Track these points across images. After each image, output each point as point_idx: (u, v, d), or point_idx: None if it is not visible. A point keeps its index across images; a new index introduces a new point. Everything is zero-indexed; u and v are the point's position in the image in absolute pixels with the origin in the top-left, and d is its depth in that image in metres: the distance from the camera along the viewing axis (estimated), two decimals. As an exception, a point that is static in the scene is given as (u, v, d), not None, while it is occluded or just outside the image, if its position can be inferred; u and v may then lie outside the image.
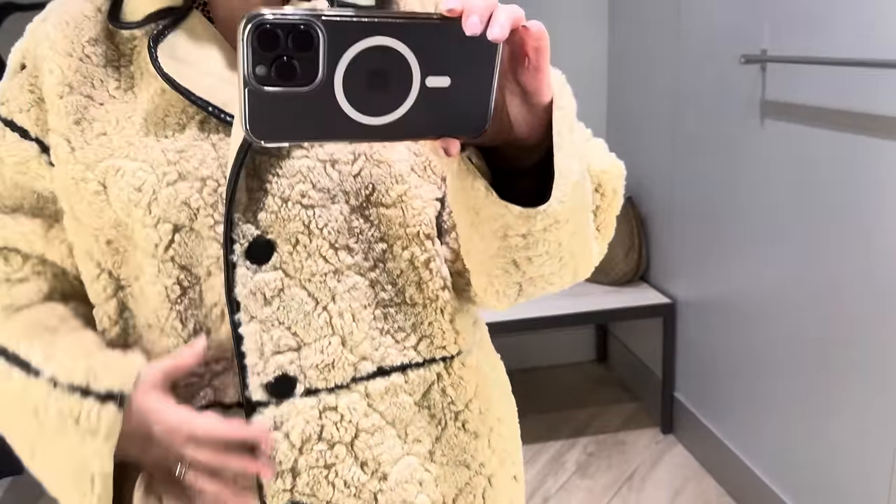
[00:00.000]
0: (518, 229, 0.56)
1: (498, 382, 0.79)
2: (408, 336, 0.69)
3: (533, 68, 0.50)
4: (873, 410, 1.54)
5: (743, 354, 1.99)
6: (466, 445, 0.73)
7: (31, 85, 0.69)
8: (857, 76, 1.48)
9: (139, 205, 0.63)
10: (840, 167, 1.56)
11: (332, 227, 0.65)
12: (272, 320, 0.64)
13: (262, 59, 0.44)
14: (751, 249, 1.92)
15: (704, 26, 2.05)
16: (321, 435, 0.66)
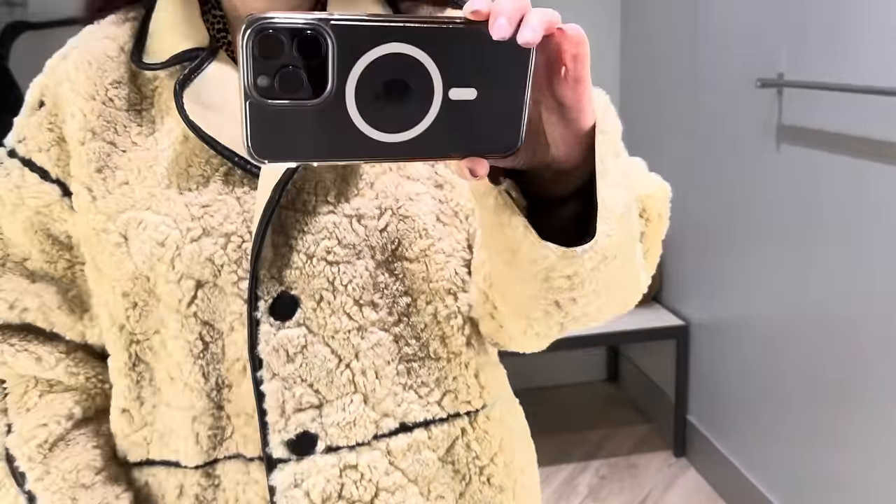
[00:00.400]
0: (563, 271, 0.50)
1: (520, 431, 0.77)
2: (431, 391, 0.67)
3: (572, 79, 0.44)
4: (883, 438, 1.52)
5: (756, 379, 1.98)
6: (491, 500, 0.71)
7: (50, 123, 0.67)
8: (874, 103, 1.47)
9: (162, 259, 0.62)
10: (855, 194, 1.55)
11: (357, 283, 0.63)
12: (294, 377, 0.63)
13: (265, 68, 0.39)
14: (765, 273, 1.90)
15: (721, 49, 2.04)
16: (341, 493, 0.65)
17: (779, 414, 1.89)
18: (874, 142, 1.49)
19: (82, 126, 0.65)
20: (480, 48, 0.41)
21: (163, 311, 0.64)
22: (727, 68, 2.01)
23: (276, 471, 0.64)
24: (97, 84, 0.65)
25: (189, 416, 0.65)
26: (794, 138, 1.75)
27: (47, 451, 0.68)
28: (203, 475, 0.67)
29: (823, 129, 1.64)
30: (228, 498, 0.67)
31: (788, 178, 1.78)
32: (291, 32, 0.38)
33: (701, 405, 2.29)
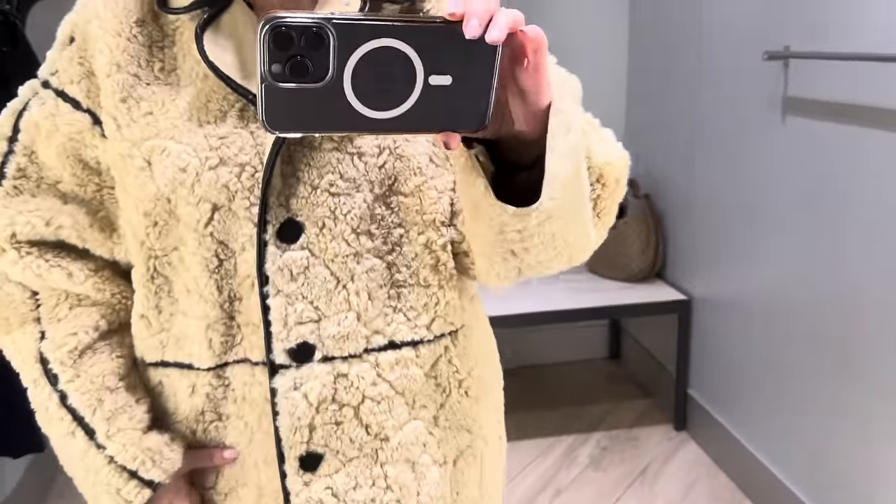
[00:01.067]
0: (514, 226, 0.61)
1: (492, 349, 0.86)
2: (419, 315, 0.75)
3: (532, 69, 0.53)
4: (887, 410, 1.54)
5: (758, 352, 2.00)
6: (468, 410, 0.79)
7: (80, 58, 0.72)
8: (878, 71, 1.49)
9: (184, 184, 0.69)
10: (860, 163, 1.57)
11: (355, 213, 0.70)
12: (297, 294, 0.70)
13: (278, 57, 0.48)
14: (769, 246, 1.93)
15: (727, 23, 2.06)
16: (334, 397, 0.73)
17: (780, 387, 1.91)
18: (877, 109, 1.52)
19: (109, 60, 0.70)
20: (455, 43, 0.49)
21: (182, 230, 0.71)
22: (733, 42, 2.03)
23: (278, 375, 0.72)
24: (122, 22, 0.70)
25: (203, 324, 0.73)
26: (800, 109, 1.77)
27: (77, 357, 0.76)
28: (214, 376, 0.75)
29: (828, 99, 1.66)
30: (237, 397, 0.75)
31: (794, 150, 1.80)
32: (300, 29, 0.48)
33: (702, 379, 2.32)
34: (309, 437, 0.73)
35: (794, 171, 1.80)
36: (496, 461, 0.86)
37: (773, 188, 1.89)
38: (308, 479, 0.74)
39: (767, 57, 1.78)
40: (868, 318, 1.58)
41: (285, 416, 0.72)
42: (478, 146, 0.60)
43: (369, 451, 0.75)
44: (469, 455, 0.80)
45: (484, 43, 0.49)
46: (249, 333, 0.73)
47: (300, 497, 0.74)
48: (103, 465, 0.75)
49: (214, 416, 0.76)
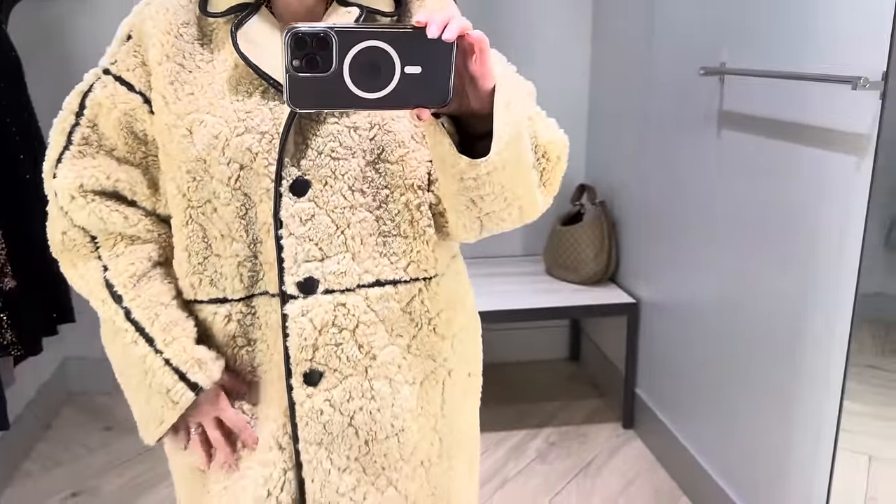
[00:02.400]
0: (469, 173, 0.81)
1: (466, 303, 1.05)
2: (399, 259, 0.94)
3: (478, 61, 0.75)
4: (816, 410, 1.64)
5: (697, 355, 2.10)
6: (434, 344, 0.98)
7: (135, 52, 0.94)
8: (803, 89, 1.59)
9: (216, 148, 0.89)
10: (786, 176, 1.67)
11: (351, 174, 0.90)
12: (305, 237, 0.90)
13: (297, 55, 0.70)
14: (707, 253, 2.02)
15: (671, 39, 2.16)
16: (334, 322, 0.92)
17: (716, 388, 2.01)
18: (802, 126, 1.61)
19: (161, 52, 0.92)
20: (422, 42, 0.70)
21: (215, 185, 0.90)
22: (676, 58, 2.13)
23: (289, 304, 0.91)
24: (172, 23, 0.92)
25: (236, 261, 0.93)
26: (733, 123, 1.87)
27: (136, 282, 0.96)
28: (245, 305, 0.95)
29: (759, 115, 1.76)
30: (261, 323, 0.95)
31: (728, 162, 1.90)
32: (312, 35, 0.69)
33: (649, 379, 2.42)
34: (312, 356, 0.91)
35: (728, 183, 1.90)
36: (461, 392, 1.04)
37: (710, 199, 1.99)
38: (311, 392, 0.92)
39: (703, 72, 1.88)
40: (795, 321, 1.68)
41: (294, 337, 0.90)
42: (443, 117, 0.80)
43: (361, 369, 0.93)
44: (432, 379, 0.99)
45: (442, 42, 0.70)
46: (268, 270, 0.92)
47: (304, 407, 0.92)
48: (160, 366, 0.92)
49: (245, 341, 0.96)
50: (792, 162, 1.63)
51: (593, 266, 2.56)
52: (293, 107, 0.72)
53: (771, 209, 1.71)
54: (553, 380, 2.88)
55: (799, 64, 1.58)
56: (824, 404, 1.56)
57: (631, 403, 2.50)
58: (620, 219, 2.59)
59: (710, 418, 2.03)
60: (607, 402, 2.70)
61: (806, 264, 1.59)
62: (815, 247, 1.56)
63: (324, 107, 0.78)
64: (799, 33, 1.58)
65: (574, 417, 2.60)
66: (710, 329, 2.02)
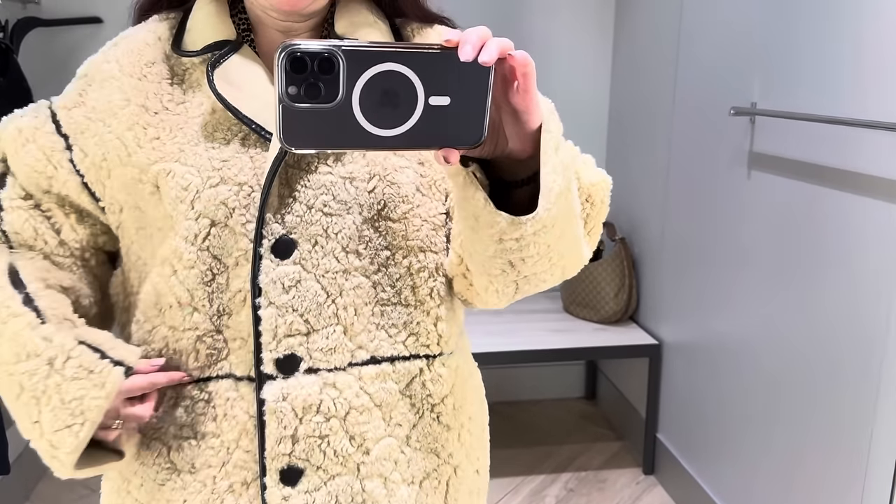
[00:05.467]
0: (511, 234, 0.65)
1: (473, 387, 0.90)
2: (399, 332, 0.80)
3: (522, 90, 0.59)
4: (844, 462, 1.56)
5: (723, 400, 2.02)
6: (438, 435, 0.83)
7: (81, 90, 0.81)
8: (838, 134, 1.54)
9: (184, 201, 0.75)
10: (818, 220, 1.61)
11: (346, 233, 0.76)
12: (287, 307, 0.76)
13: (294, 80, 0.53)
14: (734, 296, 1.95)
15: (699, 77, 2.11)
16: (319, 408, 0.77)
17: (744, 435, 1.93)
18: (834, 170, 1.55)
19: (122, 97, 0.79)
20: (453, 67, 0.55)
21: (178, 242, 0.76)
22: (704, 97, 2.08)
23: (266, 386, 0.76)
24: (135, 65, 0.80)
25: (194, 335, 0.77)
26: (764, 165, 1.81)
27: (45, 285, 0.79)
28: (197, 389, 0.78)
29: (792, 157, 1.70)
30: (217, 414, 0.78)
31: (758, 203, 1.84)
32: (313, 55, 0.53)
33: (671, 424, 2.34)
34: (291, 450, 0.77)
35: (758, 224, 1.84)
36: (467, 492, 0.88)
37: (739, 240, 1.92)
38: (287, 494, 0.77)
39: (734, 112, 1.82)
40: (827, 368, 1.61)
41: (272, 426, 0.76)
42: (473, 164, 0.65)
43: (352, 466, 0.78)
44: (434, 478, 0.84)
45: (478, 66, 0.54)
46: (237, 348, 0.77)
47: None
48: (74, 345, 0.75)
49: (191, 433, 0.79)
50: (828, 206, 1.57)
51: (613, 305, 2.49)
52: (288, 147, 0.55)
53: (803, 253, 1.65)
54: (569, 419, 2.80)
55: (838, 108, 1.53)
56: (872, 454, 1.48)
57: (652, 448, 2.41)
58: (641, 256, 2.52)
59: (736, 466, 1.95)
60: (626, 445, 2.61)
61: (841, 308, 1.53)
62: (851, 292, 1.49)
63: (327, 146, 0.57)
64: (838, 76, 1.53)
65: (593, 462, 2.51)
66: (737, 373, 1.94)
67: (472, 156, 0.63)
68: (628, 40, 2.60)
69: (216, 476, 0.78)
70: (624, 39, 2.63)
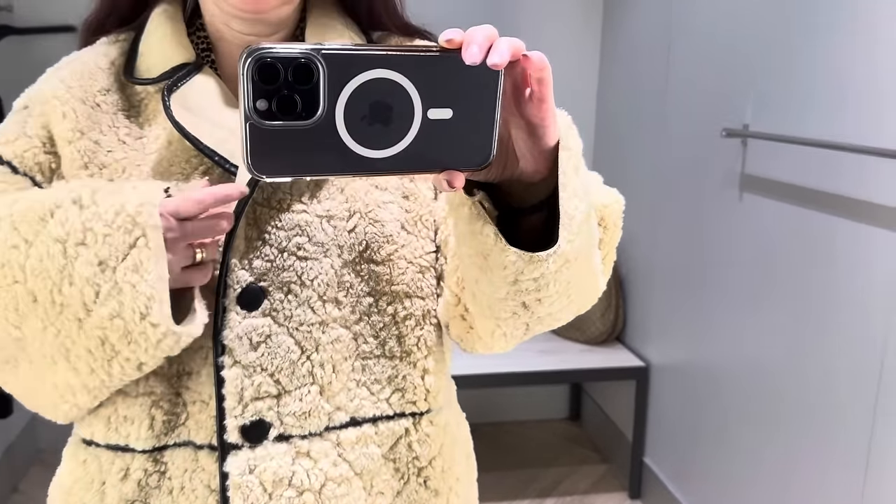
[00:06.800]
0: (530, 274, 0.56)
1: (462, 442, 0.81)
2: (382, 388, 0.71)
3: (537, 100, 0.50)
4: (835, 487, 1.53)
5: (711, 423, 1.99)
6: (426, 502, 0.74)
7: (25, 122, 0.70)
8: (830, 158, 1.51)
9: None
10: (809, 245, 1.58)
11: (322, 279, 0.67)
12: (255, 366, 0.66)
13: (263, 93, 0.43)
14: (722, 318, 1.93)
15: (689, 99, 2.09)
16: (291, 481, 0.68)
17: (731, 459, 1.90)
18: (826, 195, 1.53)
19: (73, 126, 0.69)
20: (455, 72, 0.45)
21: None
22: (695, 118, 2.06)
23: (230, 457, 0.67)
24: (87, 91, 0.70)
25: (149, 401, 0.68)
26: (756, 187, 1.79)
27: None
28: (150, 460, 0.69)
29: (783, 180, 1.68)
30: (172, 486, 0.69)
31: (749, 226, 1.81)
32: (287, 61, 0.43)
33: (658, 448, 2.30)
34: None
35: (748, 246, 1.81)
36: None
37: (729, 262, 1.90)
38: None
39: (726, 134, 1.80)
40: (813, 392, 1.58)
41: (238, 503, 0.67)
42: (479, 192, 0.55)
43: None
44: None
45: (485, 71, 0.45)
46: (196, 412, 0.68)
47: None
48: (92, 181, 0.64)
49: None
50: (818, 230, 1.55)
51: (600, 325, 2.45)
52: (258, 174, 0.45)
53: (793, 276, 1.63)
54: (554, 441, 2.75)
55: (832, 133, 1.51)
56: (867, 485, 1.45)
57: (639, 472, 2.37)
58: (628, 276, 2.49)
59: (724, 491, 1.92)
60: (612, 468, 2.57)
61: (831, 333, 1.50)
62: (842, 316, 1.47)
63: (305, 173, 0.48)
64: (831, 100, 1.51)
65: (578, 486, 2.46)
66: (725, 396, 1.91)
67: (477, 179, 0.54)
68: (616, 59, 2.58)
69: None
70: (612, 58, 2.61)
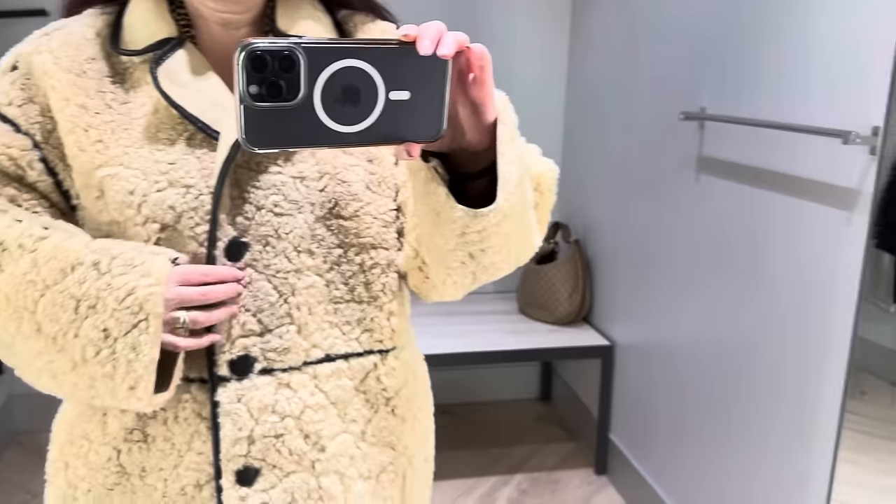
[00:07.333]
0: (474, 227, 0.67)
1: (422, 377, 0.92)
2: (353, 329, 0.81)
3: (479, 83, 0.61)
4: (804, 458, 1.59)
5: (674, 400, 2.05)
6: (394, 428, 0.85)
7: (22, 85, 0.76)
8: (783, 139, 1.57)
9: (131, 206, 0.73)
10: (763, 224, 1.64)
11: (297, 232, 0.77)
12: (240, 308, 0.75)
13: (254, 79, 0.54)
14: (681, 297, 1.98)
15: (651, 84, 2.13)
16: (275, 408, 0.77)
17: (691, 433, 1.96)
18: (779, 174, 1.58)
19: (61, 96, 0.75)
20: (412, 61, 0.56)
21: None
22: (656, 102, 2.10)
23: (220, 388, 0.76)
24: (74, 60, 0.76)
25: None
26: (712, 169, 1.84)
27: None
28: None
29: (737, 161, 1.73)
30: (166, 417, 0.77)
31: (705, 207, 1.87)
32: (274, 53, 0.54)
33: (623, 425, 2.36)
34: (248, 451, 0.76)
35: (705, 227, 1.87)
36: (420, 482, 0.90)
37: (687, 242, 1.95)
38: (245, 494, 0.77)
39: (684, 117, 1.85)
40: (774, 368, 1.64)
41: (228, 428, 0.75)
42: (434, 159, 0.66)
43: (307, 464, 0.78)
44: (391, 471, 0.85)
45: (436, 60, 0.56)
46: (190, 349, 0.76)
47: None
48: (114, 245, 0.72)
49: (141, 436, 0.77)
50: (775, 210, 1.60)
51: (567, 306, 2.50)
52: (251, 147, 0.56)
53: (752, 255, 1.68)
54: (523, 421, 2.80)
55: (785, 114, 1.56)
56: (812, 452, 1.51)
57: (604, 449, 2.43)
58: (595, 258, 2.55)
59: (687, 466, 1.98)
60: (579, 446, 2.63)
61: (788, 309, 1.56)
62: (800, 294, 1.52)
63: (290, 145, 0.59)
64: (785, 83, 1.56)
65: (545, 462, 2.52)
66: (688, 374, 1.97)
67: (431, 149, 0.64)
68: (583, 46, 2.62)
69: (167, 479, 0.77)
70: (579, 46, 2.65)
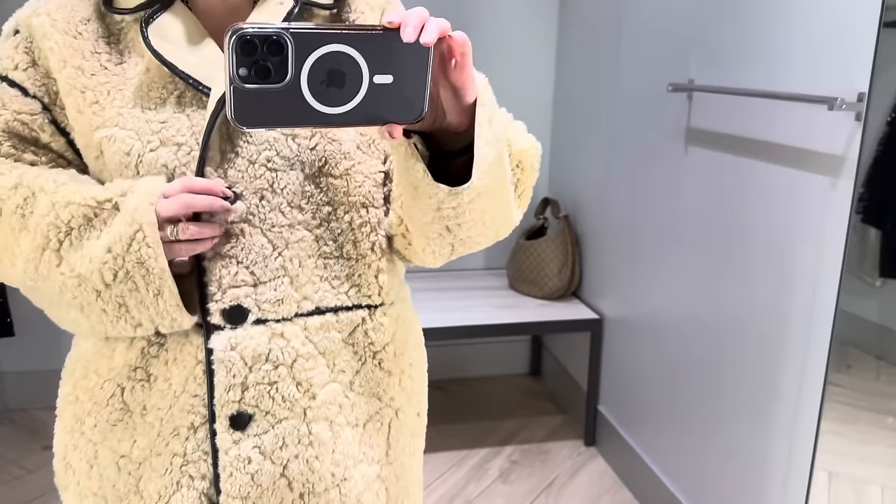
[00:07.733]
0: (449, 203, 0.71)
1: (414, 335, 0.95)
2: (342, 283, 0.84)
3: (459, 68, 0.65)
4: (788, 429, 1.62)
5: (662, 372, 2.08)
6: (380, 381, 0.88)
7: (26, 48, 0.79)
8: (770, 108, 1.58)
9: (128, 166, 0.77)
10: (756, 193, 1.66)
11: (290, 188, 0.79)
12: (231, 258, 0.78)
13: (244, 62, 0.57)
14: (673, 269, 2.00)
15: (639, 56, 2.15)
16: (268, 357, 0.80)
17: (679, 404, 1.99)
18: (778, 145, 1.60)
19: (58, 58, 0.78)
20: (395, 47, 0.59)
21: None
22: (644, 74, 2.12)
23: (214, 336, 0.79)
24: (69, 21, 0.79)
25: None
26: (701, 140, 1.86)
27: None
28: (155, 332, 0.79)
29: (726, 132, 1.75)
30: (168, 358, 0.81)
31: (695, 179, 1.88)
32: (262, 37, 0.57)
33: (611, 396, 2.39)
34: (241, 397, 0.80)
35: (694, 199, 1.89)
36: (409, 434, 0.93)
37: (676, 215, 1.97)
38: (237, 438, 0.80)
39: (672, 88, 1.86)
40: (765, 341, 1.66)
41: (221, 375, 0.79)
42: (415, 136, 0.70)
43: (299, 411, 0.82)
44: (377, 421, 0.88)
45: (419, 46, 0.59)
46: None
47: (229, 454, 0.80)
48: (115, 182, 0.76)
49: (144, 375, 0.81)
50: (762, 180, 1.62)
51: (556, 281, 2.52)
52: (239, 126, 0.59)
53: (740, 226, 1.70)
54: (514, 395, 2.83)
55: (771, 83, 1.57)
56: (797, 423, 1.54)
57: (593, 421, 2.46)
58: (584, 233, 2.57)
59: (675, 437, 2.01)
60: (569, 418, 2.66)
61: (776, 281, 1.58)
62: (787, 264, 1.55)
63: (277, 125, 0.62)
64: (771, 51, 1.57)
65: (536, 434, 2.55)
66: (675, 346, 2.00)
67: (413, 129, 0.68)
68: (573, 21, 2.62)
69: (163, 418, 0.81)
70: (569, 20, 2.65)
